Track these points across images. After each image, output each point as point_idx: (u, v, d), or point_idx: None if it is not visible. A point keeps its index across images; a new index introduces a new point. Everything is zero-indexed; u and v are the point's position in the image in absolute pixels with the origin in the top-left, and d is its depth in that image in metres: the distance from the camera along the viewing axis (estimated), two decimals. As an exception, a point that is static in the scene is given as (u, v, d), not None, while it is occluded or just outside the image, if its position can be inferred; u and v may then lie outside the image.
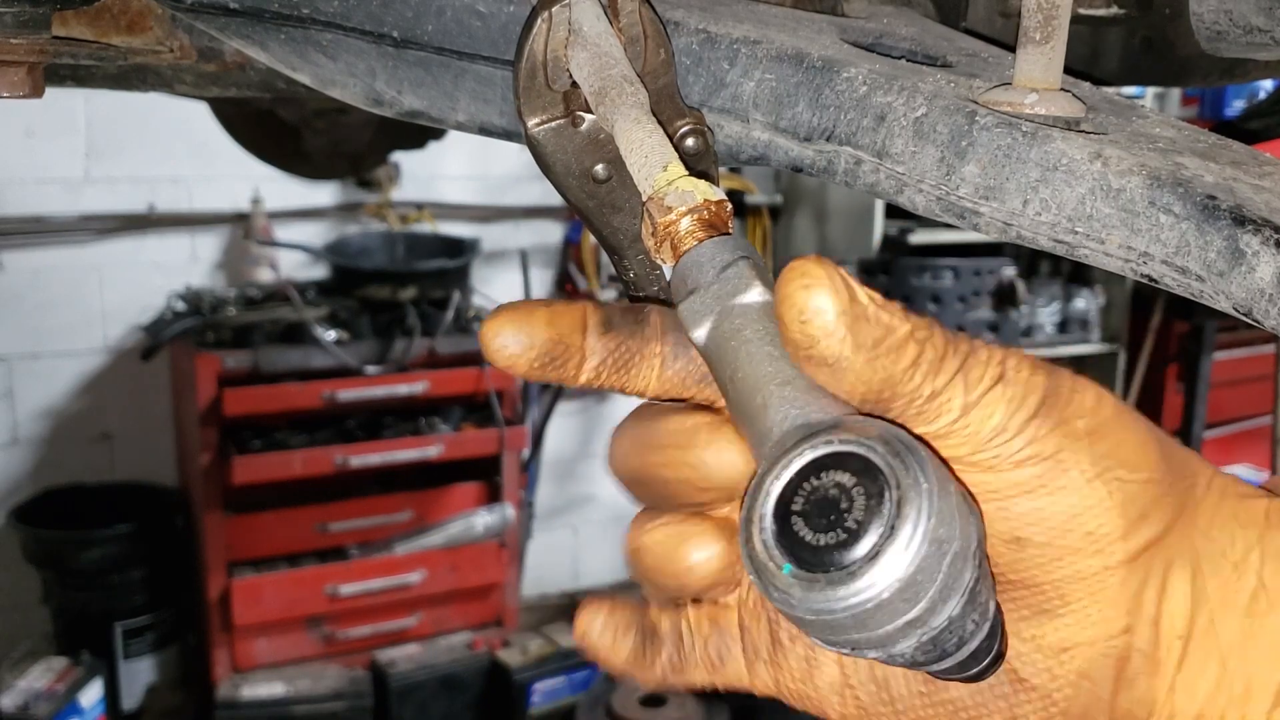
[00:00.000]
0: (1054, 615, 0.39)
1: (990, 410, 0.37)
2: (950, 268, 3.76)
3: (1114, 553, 0.38)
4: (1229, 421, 4.08)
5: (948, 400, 0.36)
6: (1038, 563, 0.38)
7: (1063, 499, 0.38)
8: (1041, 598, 0.39)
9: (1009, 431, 0.37)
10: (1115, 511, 0.38)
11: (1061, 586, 0.39)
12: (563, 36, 0.48)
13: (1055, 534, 0.38)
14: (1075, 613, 0.39)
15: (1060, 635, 0.39)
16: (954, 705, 0.41)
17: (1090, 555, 0.38)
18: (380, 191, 3.54)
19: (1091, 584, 0.39)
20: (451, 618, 3.39)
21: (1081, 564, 0.38)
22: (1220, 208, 0.43)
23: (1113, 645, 0.39)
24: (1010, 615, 0.40)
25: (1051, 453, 0.37)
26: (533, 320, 0.42)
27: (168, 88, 0.88)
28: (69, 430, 3.36)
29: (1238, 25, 0.69)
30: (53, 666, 2.92)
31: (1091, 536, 0.38)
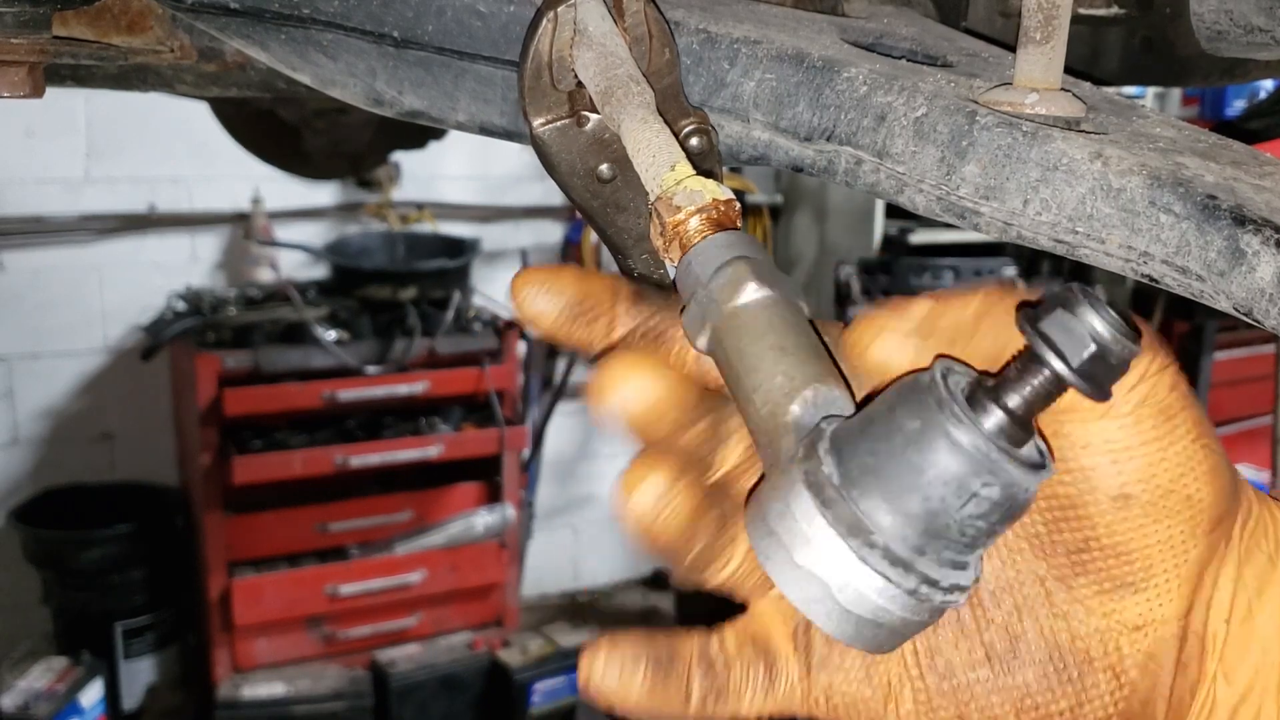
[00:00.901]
0: (1136, 589, 0.38)
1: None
2: (950, 268, 3.76)
3: (1202, 522, 0.38)
4: (1229, 421, 4.08)
5: None
6: (1139, 524, 0.37)
7: (1173, 457, 0.37)
8: (1129, 568, 0.38)
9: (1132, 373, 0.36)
10: (1207, 479, 0.38)
11: (1152, 554, 0.38)
12: (568, 36, 0.49)
13: (1161, 494, 0.37)
14: (1158, 586, 0.38)
15: (1139, 611, 0.38)
16: (1020, 690, 0.39)
17: (1184, 521, 0.37)
18: (380, 191, 3.54)
19: (1180, 553, 0.38)
20: (452, 618, 3.39)
21: (1175, 529, 0.37)
22: (1221, 208, 0.43)
23: (1179, 625, 0.38)
24: (1089, 590, 0.39)
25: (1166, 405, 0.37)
26: (561, 276, 0.42)
27: (168, 88, 0.88)
28: (69, 430, 3.36)
29: (1238, 25, 0.69)
30: (53, 666, 2.92)
31: (1190, 501, 0.37)
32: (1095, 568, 0.38)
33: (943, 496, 0.32)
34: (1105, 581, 0.38)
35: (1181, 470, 0.37)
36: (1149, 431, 0.37)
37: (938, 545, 0.33)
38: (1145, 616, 0.38)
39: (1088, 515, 0.38)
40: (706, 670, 0.41)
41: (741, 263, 0.40)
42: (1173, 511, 0.37)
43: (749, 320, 0.38)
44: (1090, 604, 0.39)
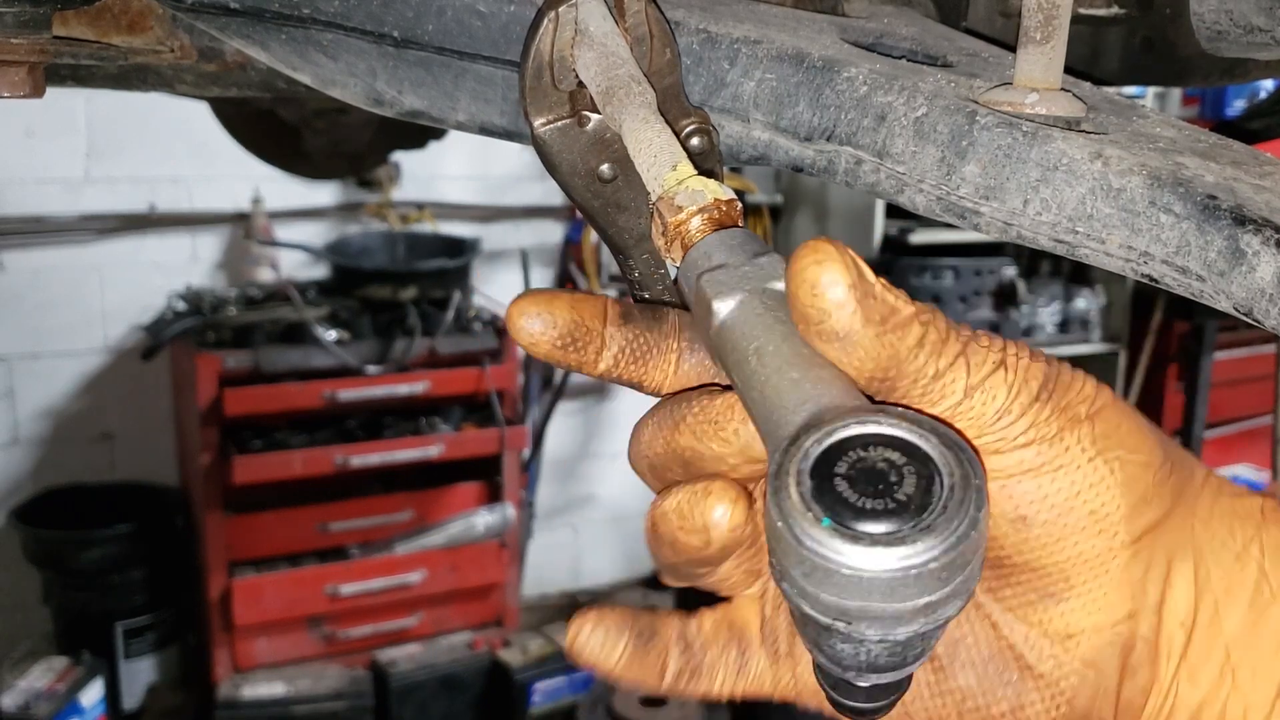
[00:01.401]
0: (1059, 599, 0.39)
1: (993, 393, 0.37)
2: (950, 268, 3.76)
3: (1117, 533, 0.38)
4: (1229, 421, 4.08)
5: (952, 381, 0.37)
6: (1042, 543, 0.38)
7: (1065, 477, 0.38)
8: (1046, 580, 0.39)
9: (1012, 414, 0.37)
10: (1117, 490, 0.38)
11: (1065, 568, 0.39)
12: (569, 36, 0.49)
13: (1059, 512, 0.38)
14: (1080, 596, 0.39)
15: (1066, 620, 0.39)
16: (961, 694, 0.41)
17: (1094, 535, 0.38)
18: (381, 191, 3.54)
19: (1095, 565, 0.39)
20: (452, 617, 3.39)
21: (1085, 544, 0.38)
22: (1221, 207, 0.43)
23: (1118, 632, 0.39)
24: (1015, 601, 0.40)
25: (1054, 434, 0.38)
26: (556, 303, 0.43)
27: (168, 87, 0.88)
28: (69, 430, 3.36)
29: (1238, 25, 0.69)
30: (53, 666, 2.92)
31: (1095, 515, 0.38)
32: (1014, 581, 0.40)
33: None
34: (1029, 593, 0.40)
35: (1078, 489, 0.38)
36: (1033, 460, 0.38)
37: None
38: (1073, 625, 0.39)
39: (995, 537, 0.39)
40: (684, 649, 0.44)
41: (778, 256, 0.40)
42: (1077, 528, 0.38)
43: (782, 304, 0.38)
44: (1019, 613, 0.40)
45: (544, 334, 0.43)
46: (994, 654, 0.40)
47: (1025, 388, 0.38)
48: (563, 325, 0.43)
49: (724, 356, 0.40)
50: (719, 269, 0.40)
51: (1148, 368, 3.99)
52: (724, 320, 0.39)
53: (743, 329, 0.39)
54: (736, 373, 0.39)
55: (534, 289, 0.44)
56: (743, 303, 0.39)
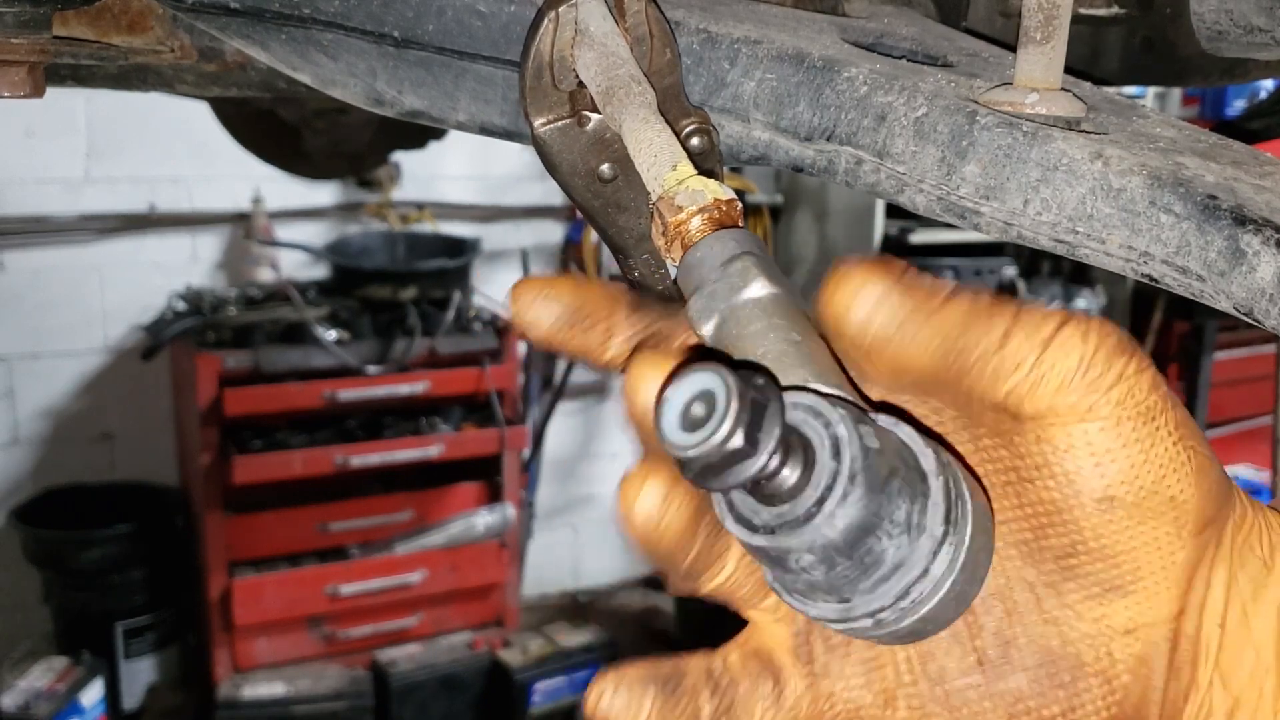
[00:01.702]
0: (1124, 592, 0.38)
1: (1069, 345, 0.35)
2: (951, 268, 3.76)
3: (1188, 523, 0.37)
4: (1229, 421, 4.08)
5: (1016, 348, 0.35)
6: (1124, 525, 0.37)
7: (1156, 459, 0.36)
8: (1116, 571, 0.38)
9: (1096, 366, 0.35)
10: (1192, 480, 0.37)
11: (1138, 556, 0.37)
12: (569, 36, 0.49)
13: (1144, 495, 0.37)
14: (1146, 589, 0.38)
15: (1128, 614, 0.38)
16: (1013, 696, 0.39)
17: (1170, 522, 0.37)
18: (381, 191, 3.54)
19: (1165, 556, 0.37)
20: (452, 617, 3.39)
21: (1162, 531, 0.37)
22: (1221, 207, 0.43)
23: (1170, 628, 0.38)
24: (1079, 595, 0.38)
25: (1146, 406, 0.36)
26: (558, 284, 0.42)
27: (168, 87, 0.88)
28: (69, 430, 3.36)
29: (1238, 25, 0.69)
30: (53, 666, 2.92)
31: (1174, 502, 0.37)
32: (1083, 572, 0.38)
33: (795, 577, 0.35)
34: (1094, 586, 0.38)
35: (1165, 472, 0.37)
36: (1130, 433, 0.36)
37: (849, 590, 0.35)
38: (1135, 620, 0.38)
39: (1073, 519, 0.37)
40: (714, 690, 0.41)
41: (749, 258, 0.40)
42: (1157, 513, 0.37)
43: (756, 314, 0.39)
44: (1080, 609, 0.38)
45: (544, 314, 0.41)
46: (1048, 654, 0.39)
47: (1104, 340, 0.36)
48: (565, 306, 0.41)
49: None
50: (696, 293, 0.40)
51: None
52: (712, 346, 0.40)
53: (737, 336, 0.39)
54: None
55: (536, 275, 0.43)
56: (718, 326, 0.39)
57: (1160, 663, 0.38)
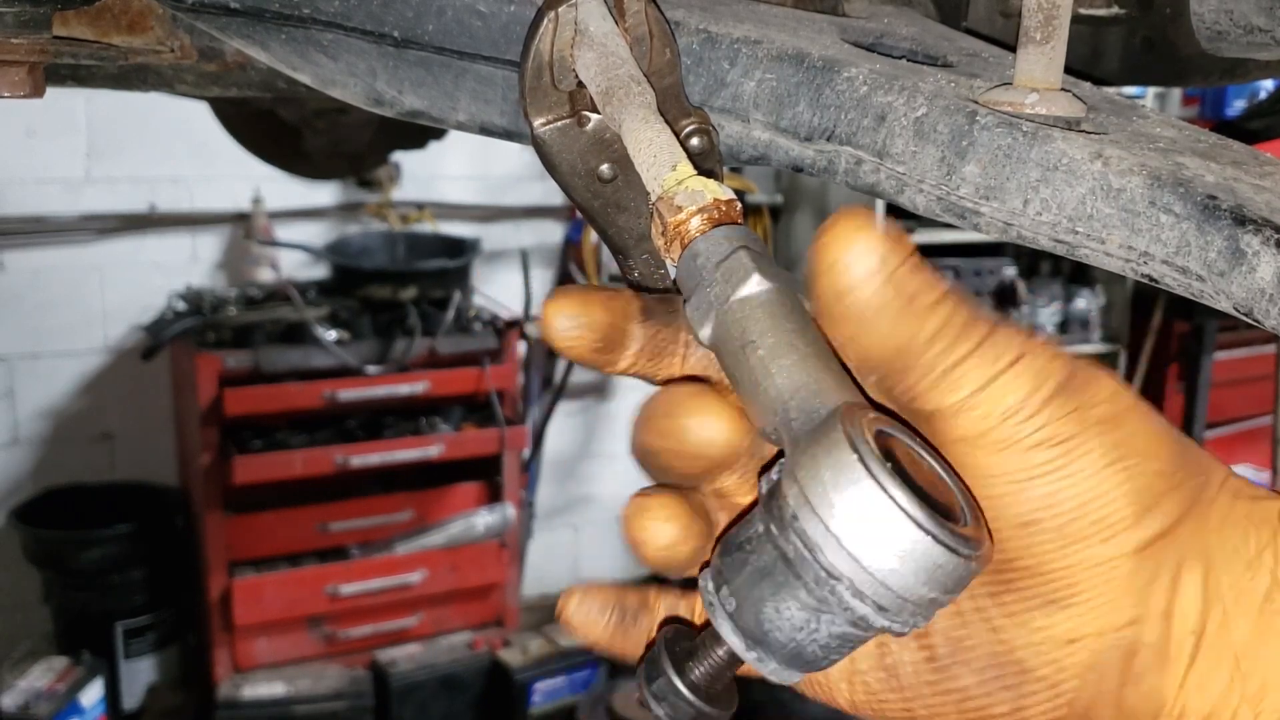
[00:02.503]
0: (1062, 605, 0.39)
1: (1006, 390, 0.37)
2: (951, 268, 3.76)
3: (1123, 541, 0.38)
4: (1229, 421, 4.08)
5: (964, 375, 0.37)
6: (1047, 548, 0.38)
7: (1076, 484, 0.37)
8: (1051, 586, 0.39)
9: (1024, 412, 0.37)
10: (1126, 500, 0.38)
11: (1071, 574, 0.38)
12: (569, 36, 0.49)
13: (1066, 519, 0.38)
14: (1084, 602, 0.39)
15: (1068, 625, 0.39)
16: (961, 694, 0.41)
17: (1100, 543, 0.38)
18: (381, 191, 3.54)
19: (1101, 572, 0.38)
20: (452, 617, 3.39)
21: (1090, 551, 0.38)
22: (1221, 208, 0.43)
23: (1121, 637, 0.39)
24: (1018, 605, 0.40)
25: (1066, 437, 0.37)
26: (592, 305, 0.42)
27: (168, 87, 0.88)
28: (69, 430, 3.36)
29: (1238, 25, 0.69)
30: (53, 666, 2.92)
31: (1101, 524, 0.38)
32: (1018, 586, 0.39)
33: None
34: (1031, 598, 0.39)
35: (1089, 496, 0.38)
36: (1045, 465, 0.37)
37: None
38: (1076, 630, 0.39)
39: (1001, 540, 0.39)
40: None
41: (744, 253, 0.40)
42: (1084, 534, 0.38)
43: (751, 313, 0.39)
44: (1021, 618, 0.40)
45: (581, 338, 0.42)
46: (994, 657, 0.40)
47: (1041, 386, 0.37)
48: (600, 328, 0.42)
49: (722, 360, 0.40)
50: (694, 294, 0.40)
51: (1148, 368, 3.98)
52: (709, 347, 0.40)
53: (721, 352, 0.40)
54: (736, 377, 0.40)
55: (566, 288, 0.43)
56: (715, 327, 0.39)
57: (1111, 669, 0.39)
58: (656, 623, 0.46)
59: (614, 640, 0.46)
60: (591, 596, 0.46)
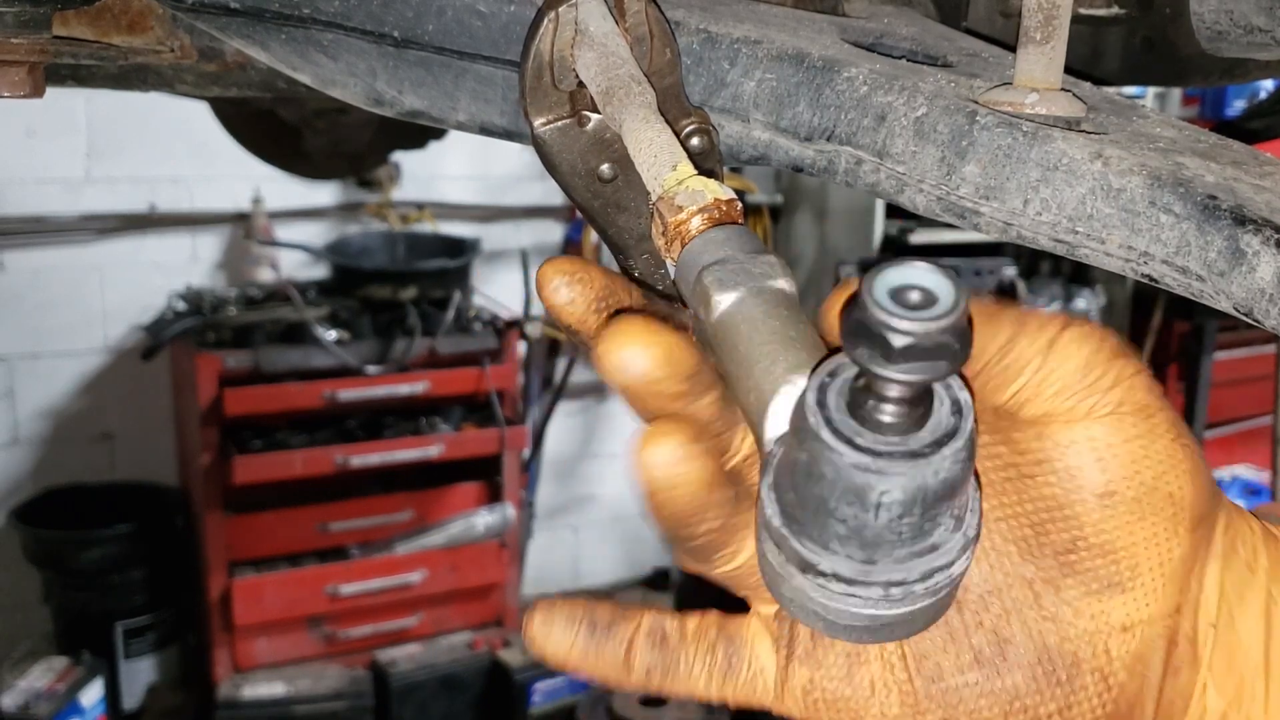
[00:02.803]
0: (1122, 588, 0.38)
1: (1071, 350, 0.36)
2: (950, 268, 3.75)
3: (1184, 520, 0.38)
4: (1229, 421, 4.08)
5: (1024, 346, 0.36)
6: (1125, 520, 0.37)
7: (1155, 455, 0.37)
8: (1115, 568, 0.38)
9: (1096, 369, 0.36)
10: (1188, 477, 0.38)
11: (1136, 552, 0.38)
12: (569, 36, 0.49)
13: (1145, 490, 0.37)
14: (1143, 585, 0.38)
15: (1125, 611, 0.38)
16: (1009, 693, 0.39)
17: (1168, 519, 0.37)
18: (381, 191, 3.54)
19: (1162, 552, 0.38)
20: (452, 617, 3.39)
21: (1160, 527, 0.37)
22: (1221, 208, 0.43)
23: (1167, 626, 0.38)
24: (1078, 591, 0.39)
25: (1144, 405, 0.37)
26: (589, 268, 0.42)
27: (168, 87, 0.88)
28: (69, 430, 3.36)
29: (1238, 25, 0.69)
30: (53, 666, 2.92)
31: (1172, 499, 0.37)
32: (1083, 568, 0.38)
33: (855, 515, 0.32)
34: (1093, 582, 0.38)
35: (1164, 468, 0.37)
36: (1130, 429, 0.37)
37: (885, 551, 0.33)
38: (1132, 617, 0.38)
39: (1074, 515, 0.38)
40: (657, 645, 0.42)
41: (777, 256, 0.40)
42: (1156, 509, 0.37)
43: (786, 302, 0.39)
44: (1078, 605, 0.39)
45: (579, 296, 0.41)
46: (1046, 650, 0.39)
47: (1103, 344, 0.36)
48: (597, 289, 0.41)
49: (719, 349, 0.40)
50: (718, 264, 0.40)
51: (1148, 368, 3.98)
52: (723, 314, 0.39)
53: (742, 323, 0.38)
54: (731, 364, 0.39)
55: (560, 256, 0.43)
56: (742, 298, 0.39)
57: (1157, 660, 0.39)
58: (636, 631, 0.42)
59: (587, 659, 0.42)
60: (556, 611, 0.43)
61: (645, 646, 0.42)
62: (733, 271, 0.39)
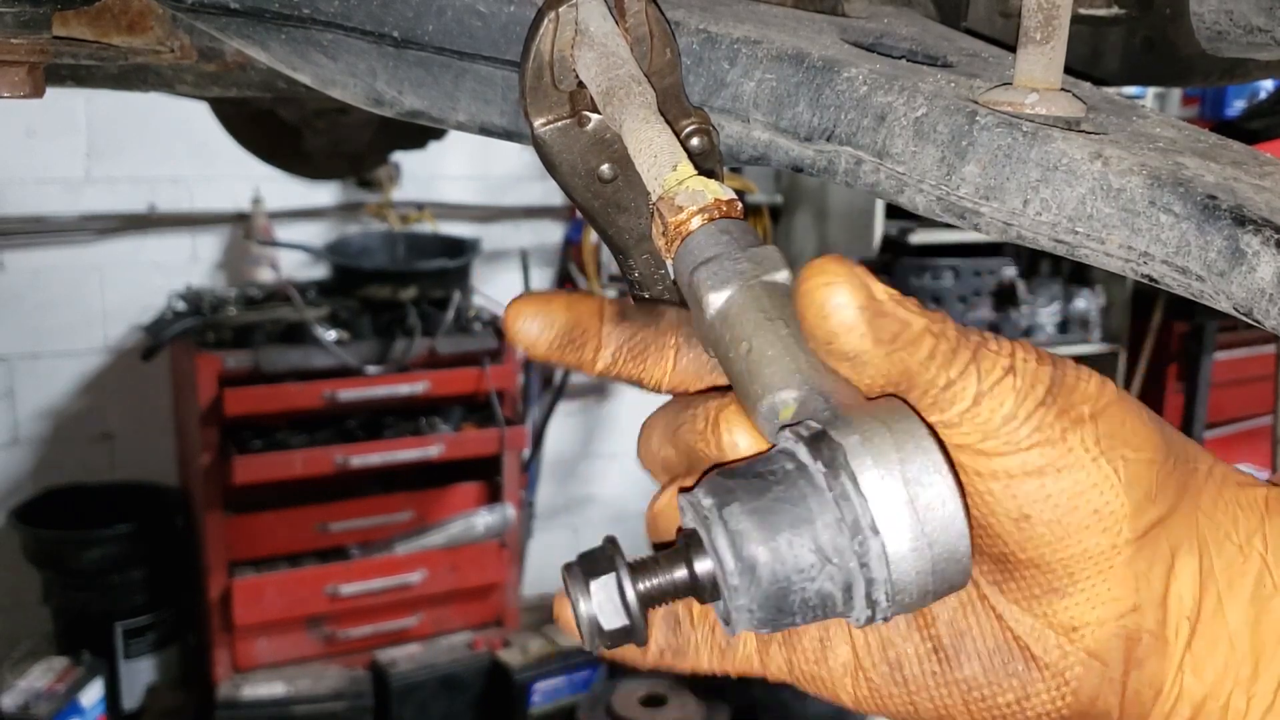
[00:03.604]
0: (1063, 594, 0.40)
1: (1000, 399, 0.38)
2: (950, 268, 3.76)
3: (1121, 530, 0.39)
4: (1229, 421, 4.08)
5: (961, 389, 0.38)
6: (1045, 540, 0.39)
7: (1069, 477, 0.38)
8: (1051, 576, 0.40)
9: (1018, 418, 0.38)
10: (1120, 489, 0.39)
11: (1070, 565, 0.39)
12: (569, 36, 0.49)
13: (1062, 511, 0.39)
14: (1084, 591, 0.39)
15: (1071, 614, 0.40)
16: (967, 684, 0.41)
17: (1098, 533, 0.39)
18: (381, 191, 3.54)
19: (1099, 562, 0.39)
20: (452, 618, 3.39)
21: (1089, 542, 0.39)
22: (1221, 207, 0.43)
23: (1123, 624, 0.40)
24: (1020, 594, 0.40)
25: (1058, 436, 0.38)
26: (552, 305, 0.45)
27: (168, 88, 0.88)
28: (69, 430, 3.36)
29: (1238, 25, 0.69)
30: (53, 666, 2.92)
31: (1098, 514, 0.39)
32: (1019, 576, 0.40)
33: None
34: (1032, 588, 0.40)
35: (1081, 488, 0.38)
36: (1037, 462, 0.38)
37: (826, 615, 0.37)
38: (1078, 619, 0.40)
39: (998, 534, 0.40)
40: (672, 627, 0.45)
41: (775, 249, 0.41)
42: (1080, 527, 0.39)
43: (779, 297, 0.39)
44: (1023, 605, 0.40)
45: (541, 335, 0.44)
46: (999, 644, 0.41)
47: (1031, 392, 0.38)
48: (560, 326, 0.44)
49: (717, 347, 0.40)
50: (711, 261, 0.40)
51: (1148, 368, 3.99)
52: (717, 312, 0.40)
53: (736, 321, 0.39)
54: (729, 363, 0.40)
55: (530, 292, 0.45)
56: (735, 295, 0.39)
57: (1115, 655, 0.40)
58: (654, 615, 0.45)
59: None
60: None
61: (663, 629, 0.45)
62: (725, 269, 0.40)
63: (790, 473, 0.36)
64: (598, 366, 0.45)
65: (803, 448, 0.35)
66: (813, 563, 0.35)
